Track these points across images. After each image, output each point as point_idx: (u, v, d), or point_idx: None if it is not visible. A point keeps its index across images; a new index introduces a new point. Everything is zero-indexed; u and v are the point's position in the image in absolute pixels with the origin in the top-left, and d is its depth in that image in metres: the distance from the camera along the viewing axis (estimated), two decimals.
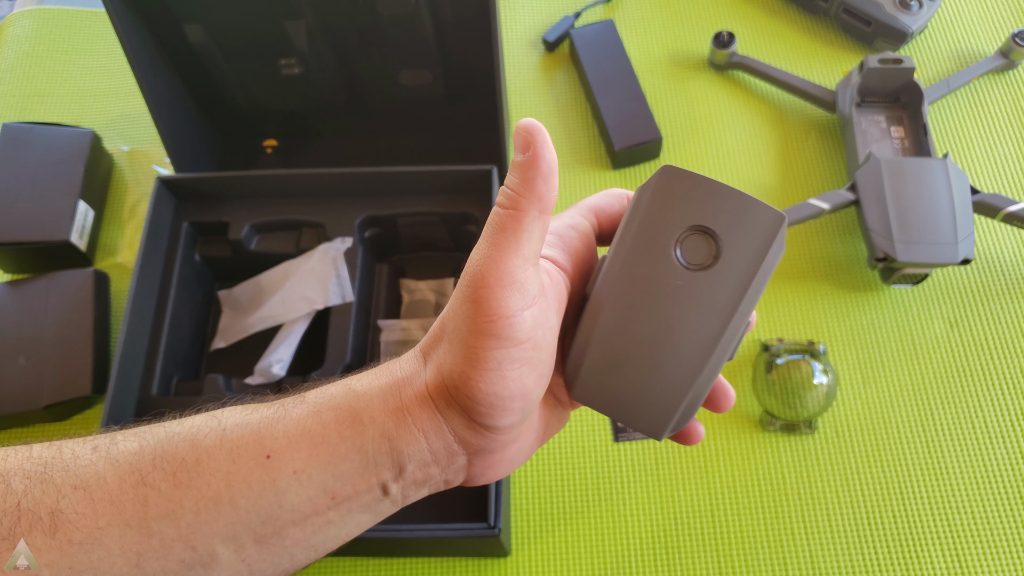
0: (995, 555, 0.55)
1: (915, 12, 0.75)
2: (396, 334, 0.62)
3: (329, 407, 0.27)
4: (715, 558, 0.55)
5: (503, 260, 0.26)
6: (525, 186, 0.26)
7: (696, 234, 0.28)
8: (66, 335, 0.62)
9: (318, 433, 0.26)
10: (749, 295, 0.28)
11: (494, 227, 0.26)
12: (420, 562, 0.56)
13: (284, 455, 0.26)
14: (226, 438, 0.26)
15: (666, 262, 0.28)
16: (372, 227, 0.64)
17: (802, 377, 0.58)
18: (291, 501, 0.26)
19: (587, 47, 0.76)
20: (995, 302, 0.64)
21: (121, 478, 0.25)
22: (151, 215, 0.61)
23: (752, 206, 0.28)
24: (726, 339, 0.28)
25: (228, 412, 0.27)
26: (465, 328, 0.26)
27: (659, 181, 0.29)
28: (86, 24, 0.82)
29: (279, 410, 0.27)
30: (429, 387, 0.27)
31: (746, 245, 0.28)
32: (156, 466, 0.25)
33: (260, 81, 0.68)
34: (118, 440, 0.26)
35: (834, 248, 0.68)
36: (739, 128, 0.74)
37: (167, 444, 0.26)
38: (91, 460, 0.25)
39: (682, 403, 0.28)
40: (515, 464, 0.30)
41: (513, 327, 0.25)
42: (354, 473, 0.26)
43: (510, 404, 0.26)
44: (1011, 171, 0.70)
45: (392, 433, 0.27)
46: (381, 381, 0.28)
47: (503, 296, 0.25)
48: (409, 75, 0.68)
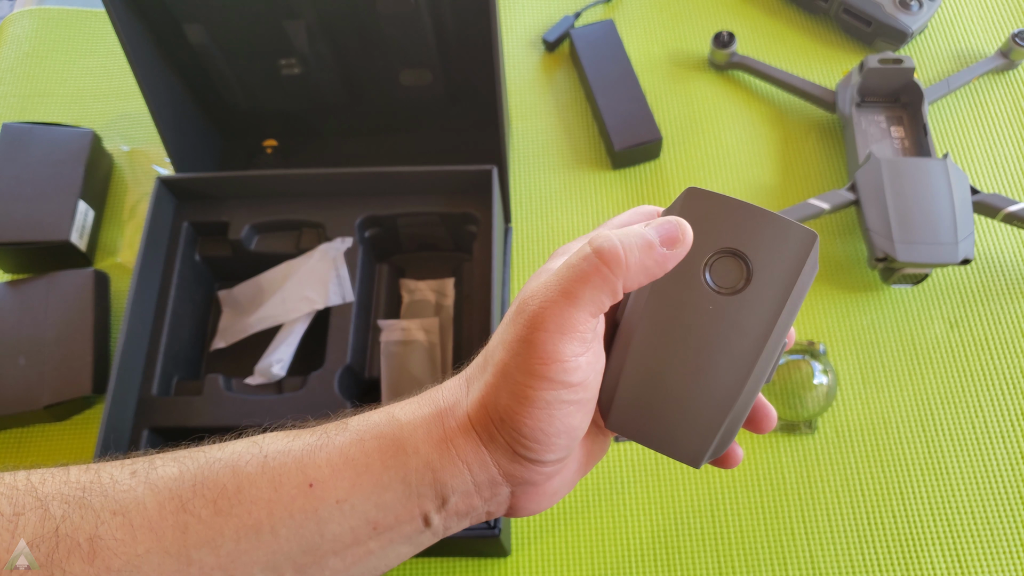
0: (995, 555, 0.55)
1: (915, 12, 0.75)
2: (396, 334, 0.62)
3: (372, 436, 0.27)
4: (715, 558, 0.56)
5: (570, 311, 0.25)
6: (638, 266, 0.25)
7: (726, 257, 0.28)
8: (66, 335, 0.62)
9: (361, 462, 0.26)
10: (784, 317, 0.27)
11: (577, 272, 0.25)
12: (420, 562, 0.56)
13: (327, 484, 0.26)
14: (268, 465, 0.26)
15: (696, 287, 0.28)
16: (372, 227, 0.64)
17: (802, 377, 0.58)
18: (333, 531, 0.26)
19: (587, 47, 0.76)
20: (995, 302, 0.64)
21: (161, 504, 0.25)
22: (151, 215, 0.61)
23: (782, 226, 0.27)
24: (762, 363, 0.28)
25: (270, 438, 0.27)
26: (514, 364, 0.25)
27: (684, 204, 0.28)
28: (86, 24, 0.82)
29: (322, 437, 0.27)
30: (472, 417, 0.27)
31: (778, 266, 0.27)
32: (196, 492, 0.25)
33: (260, 81, 0.68)
34: (157, 465, 0.26)
35: (834, 248, 0.68)
36: (739, 128, 0.74)
37: (207, 470, 0.26)
38: (130, 485, 0.25)
39: (719, 431, 0.28)
40: (558, 496, 0.30)
41: (567, 372, 0.25)
42: (397, 503, 0.26)
43: (556, 441, 0.26)
44: (1011, 171, 0.70)
45: (436, 464, 0.26)
46: (424, 411, 0.27)
47: (561, 343, 0.25)
48: (409, 75, 0.68)
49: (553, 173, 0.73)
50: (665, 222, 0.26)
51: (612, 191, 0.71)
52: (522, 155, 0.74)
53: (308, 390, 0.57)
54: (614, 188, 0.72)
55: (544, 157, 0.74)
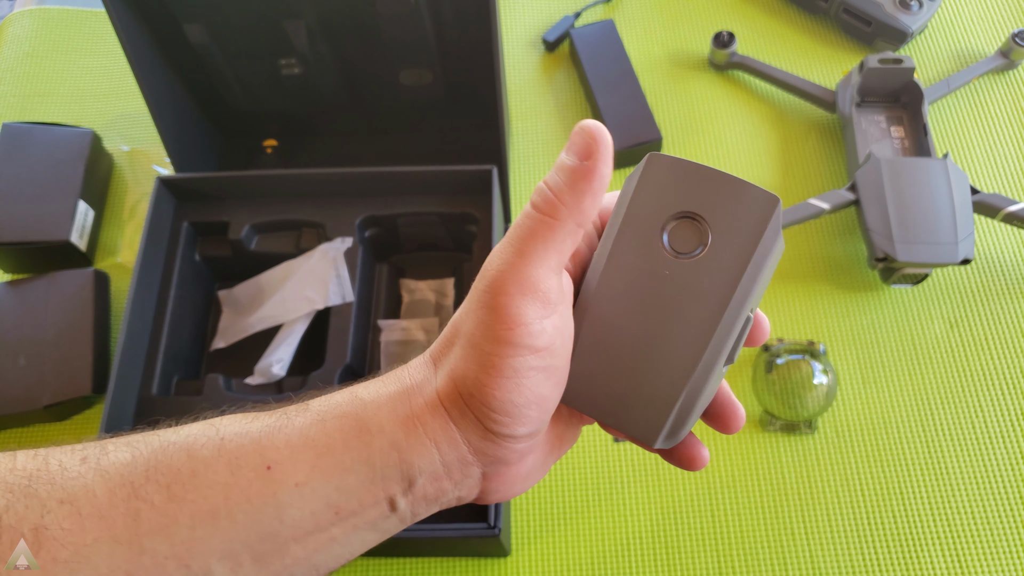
0: (995, 555, 0.55)
1: (915, 12, 0.75)
2: (396, 334, 0.62)
3: (334, 415, 0.26)
4: (715, 558, 0.55)
5: (527, 268, 0.24)
6: (572, 196, 0.24)
7: (684, 220, 0.27)
8: (66, 335, 0.62)
9: (322, 443, 0.25)
10: (744, 284, 0.26)
11: (524, 231, 0.25)
12: (420, 562, 0.56)
13: (286, 466, 0.24)
14: (224, 448, 0.25)
15: (653, 251, 0.27)
16: (372, 227, 0.64)
17: (802, 377, 0.58)
18: (292, 516, 0.24)
19: (587, 47, 0.76)
20: (995, 302, 0.64)
21: (111, 491, 0.23)
22: (151, 215, 0.61)
23: (742, 188, 0.26)
24: (720, 333, 0.26)
25: (227, 420, 0.26)
26: (479, 333, 0.25)
27: (645, 169, 0.27)
28: (86, 24, 0.82)
29: (281, 418, 0.26)
30: (441, 394, 0.26)
31: (737, 229, 0.26)
32: (149, 478, 0.24)
33: (260, 81, 0.68)
34: (109, 450, 0.25)
35: (834, 248, 0.68)
36: (739, 128, 0.74)
37: (161, 454, 0.24)
38: (79, 472, 0.24)
39: (675, 405, 0.27)
40: (530, 480, 0.29)
41: (532, 335, 0.24)
42: (360, 487, 0.25)
43: (526, 412, 0.25)
44: (1011, 171, 0.70)
45: (402, 444, 0.25)
46: (390, 388, 0.26)
47: (523, 305, 0.24)
48: (409, 75, 0.68)
49: None
50: (574, 134, 0.25)
51: (612, 191, 0.71)
52: (522, 155, 0.74)
53: (308, 390, 0.57)
54: (614, 188, 0.71)
55: (544, 157, 0.74)
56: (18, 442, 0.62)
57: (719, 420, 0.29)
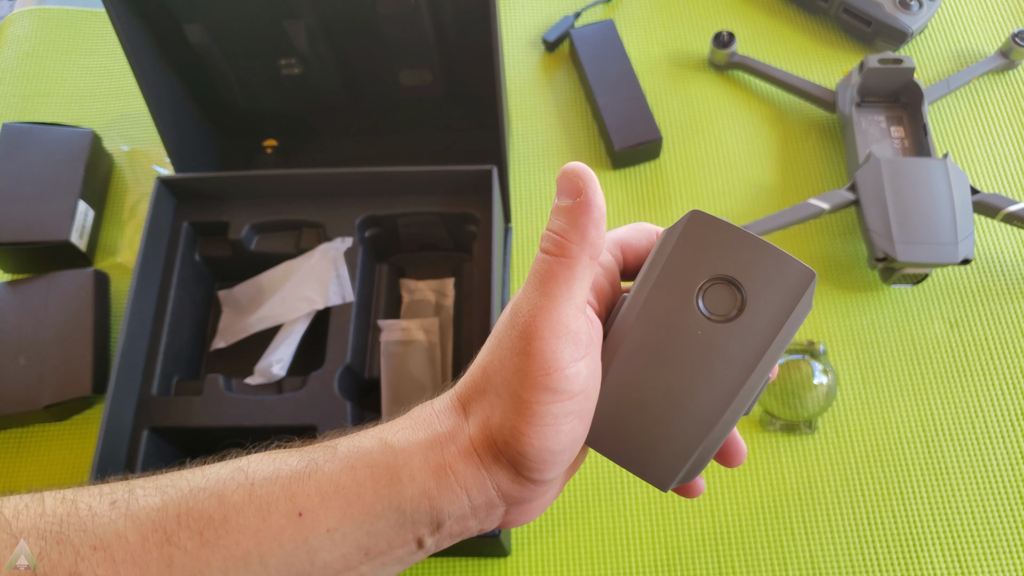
0: (995, 555, 0.55)
1: (915, 12, 0.75)
2: (396, 334, 0.62)
3: (364, 463, 0.26)
4: (715, 558, 0.55)
5: (556, 310, 0.25)
6: (576, 232, 0.25)
7: (721, 284, 0.27)
8: (66, 335, 0.62)
9: (352, 491, 0.25)
10: (771, 351, 0.27)
11: (542, 275, 0.25)
12: (420, 562, 0.56)
13: (317, 513, 0.25)
14: (255, 493, 0.25)
15: (688, 310, 0.27)
16: (372, 227, 0.64)
17: (802, 377, 0.58)
18: (323, 559, 0.25)
19: (587, 47, 0.76)
20: (995, 302, 0.64)
21: (144, 537, 0.24)
22: (151, 215, 0.61)
23: (782, 260, 0.27)
24: (743, 395, 0.27)
25: (255, 463, 0.26)
26: (516, 381, 0.25)
27: (687, 226, 0.28)
28: (86, 24, 0.82)
29: (310, 464, 0.26)
30: (474, 443, 0.26)
31: (772, 299, 0.27)
32: (181, 524, 0.24)
33: (260, 81, 0.68)
34: (139, 494, 0.25)
35: (834, 248, 0.68)
36: (739, 128, 0.74)
37: (192, 499, 0.25)
38: (110, 517, 0.24)
39: (691, 457, 0.28)
40: (546, 507, 0.30)
41: (569, 380, 0.25)
42: (390, 530, 0.26)
43: (561, 458, 0.26)
44: (1011, 171, 0.70)
45: (432, 492, 0.26)
46: (419, 436, 0.27)
47: (558, 348, 0.25)
48: (409, 75, 0.68)
49: (553, 173, 0.73)
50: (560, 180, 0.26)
51: (612, 191, 0.71)
52: (522, 155, 0.74)
53: (308, 390, 0.57)
54: (614, 188, 0.72)
55: (544, 157, 0.74)
56: (18, 442, 0.62)
57: (723, 456, 0.30)
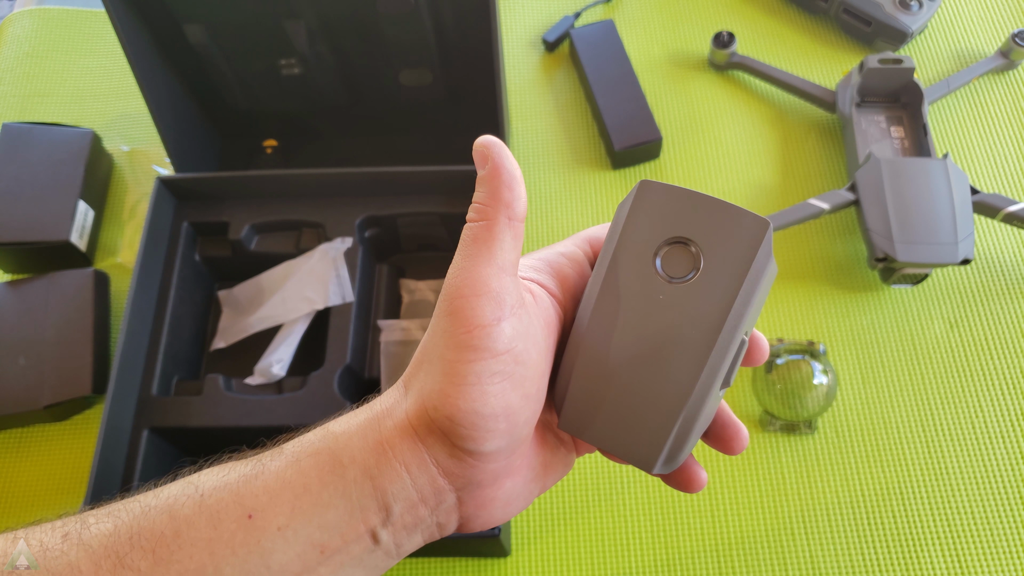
0: (995, 555, 0.55)
1: (915, 12, 0.75)
2: (396, 334, 0.62)
3: (308, 454, 0.26)
4: (715, 558, 0.55)
5: (476, 270, 0.25)
6: (490, 196, 0.26)
7: (676, 245, 0.27)
8: (66, 335, 0.62)
9: (299, 483, 0.25)
10: (737, 306, 0.26)
11: (466, 240, 0.26)
12: (420, 562, 0.56)
13: (266, 512, 0.24)
14: (204, 503, 0.25)
15: (647, 277, 0.27)
16: (372, 227, 0.64)
17: (802, 377, 0.58)
18: (279, 561, 0.24)
19: (587, 47, 0.76)
20: (995, 302, 0.64)
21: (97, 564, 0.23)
22: (151, 215, 0.61)
23: (733, 213, 0.27)
24: (715, 356, 0.26)
25: (205, 475, 0.26)
26: (443, 343, 0.25)
27: (637, 196, 0.28)
28: (86, 24, 0.82)
29: (257, 466, 0.26)
30: (410, 415, 0.26)
31: (728, 253, 0.26)
32: (134, 545, 0.24)
33: (260, 81, 0.68)
34: (90, 523, 0.25)
35: (834, 248, 0.68)
36: (739, 128, 0.74)
37: (144, 519, 0.24)
38: (62, 550, 0.24)
39: (672, 430, 0.27)
40: (511, 506, 0.28)
41: (491, 337, 0.25)
42: (340, 521, 0.25)
43: (493, 424, 0.25)
44: (1011, 171, 0.70)
45: (373, 471, 0.25)
46: (360, 418, 0.26)
47: (478, 305, 0.25)
48: (409, 75, 0.68)
49: (553, 173, 0.73)
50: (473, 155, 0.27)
51: (612, 191, 0.71)
52: (522, 155, 0.74)
53: (308, 390, 0.57)
54: (614, 188, 0.72)
55: (544, 157, 0.74)
56: (18, 442, 0.62)
57: (721, 441, 0.29)
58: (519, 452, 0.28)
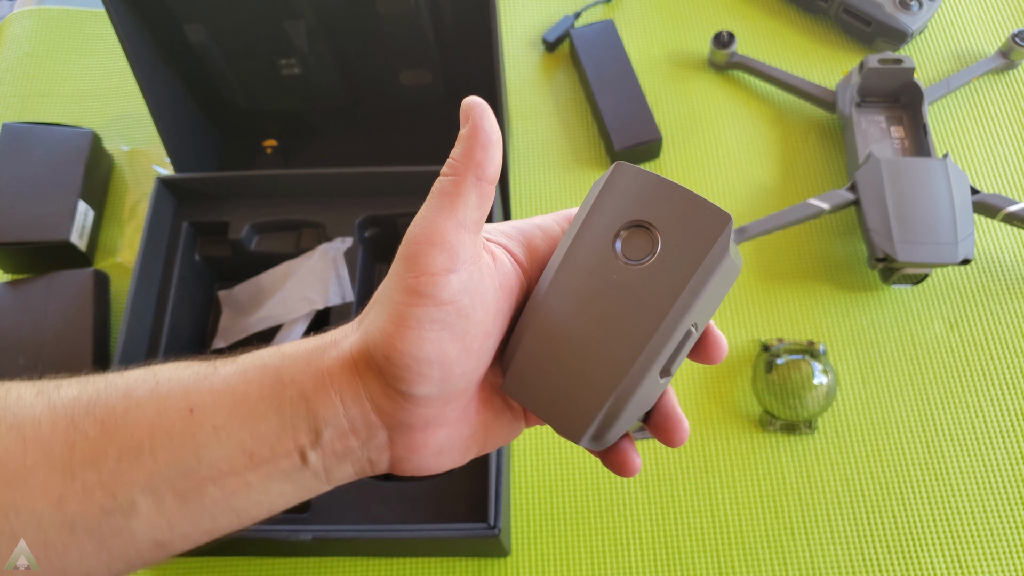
0: (995, 555, 0.55)
1: (915, 12, 0.75)
2: None
3: (255, 367, 0.27)
4: (715, 558, 0.56)
5: (436, 220, 0.26)
6: (464, 155, 0.27)
7: (637, 228, 0.27)
8: (66, 335, 0.62)
9: (241, 390, 0.27)
10: (685, 296, 0.26)
11: (433, 193, 0.27)
12: (420, 562, 0.56)
13: (207, 410, 0.26)
14: (157, 391, 0.27)
15: (606, 256, 0.27)
16: (372, 227, 0.64)
17: (802, 377, 0.58)
18: (209, 457, 0.26)
19: (587, 47, 0.76)
20: (995, 302, 0.64)
21: (55, 422, 0.26)
22: (151, 215, 0.61)
23: (696, 204, 0.27)
24: (656, 341, 0.26)
25: (167, 368, 0.28)
26: (393, 285, 0.26)
27: (611, 177, 0.28)
28: (86, 24, 0.82)
29: (210, 368, 0.28)
30: (353, 349, 0.27)
31: (685, 242, 0.27)
32: (88, 412, 0.26)
33: (260, 81, 0.68)
34: (63, 386, 0.27)
35: (834, 248, 0.68)
36: (739, 128, 0.74)
37: (104, 393, 0.27)
38: (31, 403, 0.26)
39: (603, 407, 0.27)
40: (443, 457, 0.29)
41: (437, 285, 0.25)
42: (271, 434, 0.26)
43: (426, 370, 0.26)
44: (1011, 171, 0.70)
45: (309, 395, 0.26)
46: (309, 344, 0.28)
47: (431, 253, 0.26)
48: (409, 75, 0.68)
49: (553, 173, 0.73)
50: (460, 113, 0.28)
51: None
52: (522, 155, 0.74)
53: None
54: None
55: (544, 157, 0.74)
56: None
57: (662, 432, 0.29)
58: (454, 404, 0.28)
